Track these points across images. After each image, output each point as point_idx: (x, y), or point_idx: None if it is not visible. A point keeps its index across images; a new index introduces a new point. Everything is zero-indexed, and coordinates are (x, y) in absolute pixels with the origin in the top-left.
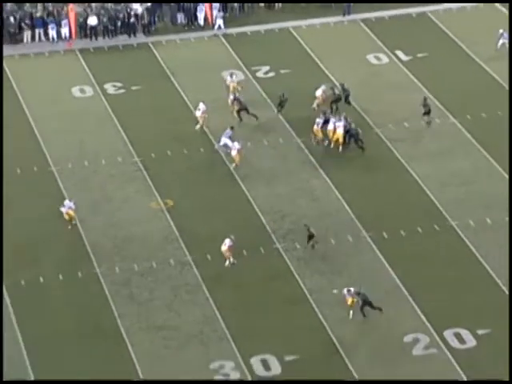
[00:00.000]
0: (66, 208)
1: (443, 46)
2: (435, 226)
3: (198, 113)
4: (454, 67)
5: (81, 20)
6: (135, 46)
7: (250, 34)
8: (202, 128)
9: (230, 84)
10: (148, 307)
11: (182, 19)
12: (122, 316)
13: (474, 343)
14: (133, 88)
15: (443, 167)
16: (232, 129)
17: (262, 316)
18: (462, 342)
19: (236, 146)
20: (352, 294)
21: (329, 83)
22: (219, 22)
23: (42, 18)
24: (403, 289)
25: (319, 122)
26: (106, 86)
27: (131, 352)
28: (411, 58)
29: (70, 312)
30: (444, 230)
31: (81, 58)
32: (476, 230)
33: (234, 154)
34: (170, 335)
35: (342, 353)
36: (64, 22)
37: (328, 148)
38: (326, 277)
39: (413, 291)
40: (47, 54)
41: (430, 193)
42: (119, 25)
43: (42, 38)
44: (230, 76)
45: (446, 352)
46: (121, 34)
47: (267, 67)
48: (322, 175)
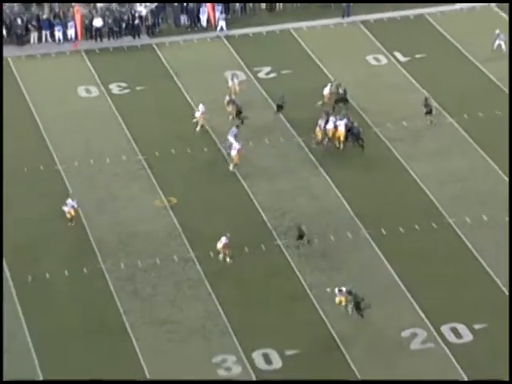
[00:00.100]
0: (68, 207)
1: (440, 48)
2: (433, 224)
3: (198, 114)
4: (451, 68)
5: (86, 22)
6: (139, 47)
7: (251, 35)
8: (202, 128)
9: (231, 86)
10: (152, 302)
11: (185, 21)
12: (127, 311)
13: (471, 338)
14: (137, 88)
15: (441, 166)
16: (238, 127)
17: (263, 311)
18: (459, 336)
19: (236, 146)
20: (343, 293)
21: (335, 82)
22: (221, 23)
23: (49, 19)
24: (401, 285)
25: (321, 124)
26: (110, 86)
27: (135, 346)
28: (409, 59)
29: (75, 307)
30: (441, 227)
31: (86, 58)
32: (472, 226)
33: (233, 153)
34: (173, 329)
35: (341, 347)
36: (70, 24)
37: (328, 147)
38: (326, 273)
39: (411, 287)
40: (53, 55)
41: (428, 191)
42: (124, 26)
43: (49, 40)
44: (232, 78)
45: (443, 346)
46: (125, 35)
47: (268, 68)
48: (321, 173)
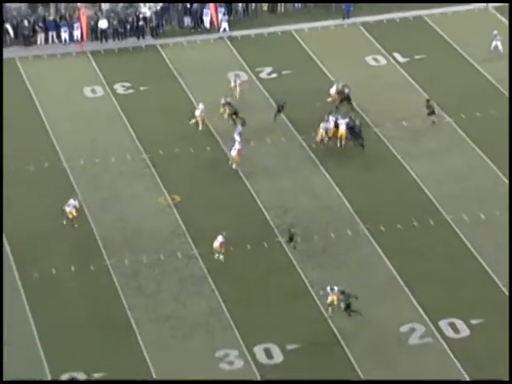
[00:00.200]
0: (70, 207)
1: (439, 48)
2: (431, 221)
3: (197, 112)
4: (450, 68)
5: (92, 23)
6: (144, 48)
7: (253, 36)
8: (202, 126)
9: (233, 87)
10: (156, 298)
11: (189, 22)
12: (131, 307)
13: (468, 333)
14: (141, 88)
15: (439, 164)
16: (243, 126)
17: (264, 307)
18: (457, 331)
19: (236, 146)
20: (335, 292)
21: (341, 82)
22: (224, 25)
23: (55, 21)
24: (400, 281)
25: (322, 126)
26: (115, 86)
27: (140, 341)
28: (408, 59)
29: (81, 303)
30: (439, 224)
31: (92, 59)
32: (470, 224)
33: (233, 153)
34: (176, 325)
35: (341, 342)
36: (76, 25)
37: (328, 146)
38: (327, 270)
39: (409, 283)
40: (60, 56)
41: (426, 189)
42: (128, 28)
43: (55, 41)
44: (234, 80)
45: (441, 341)
46: (130, 36)
47: (270, 68)
48: (322, 172)
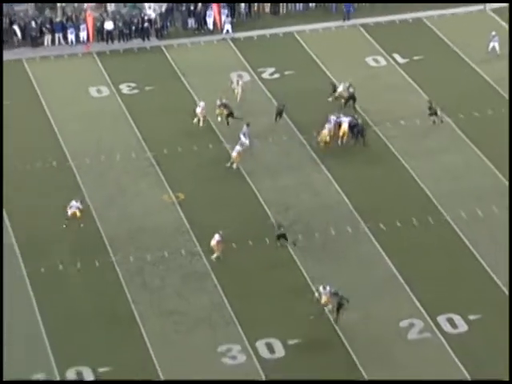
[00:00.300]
0: (73, 208)
1: (438, 50)
2: (429, 218)
3: (198, 109)
4: (448, 69)
5: (98, 25)
6: (148, 49)
7: (256, 38)
8: (203, 122)
9: (235, 88)
10: (160, 294)
11: (193, 24)
12: (136, 302)
13: (466, 328)
14: (146, 88)
15: (437, 163)
16: (248, 126)
17: (266, 302)
18: (455, 326)
19: (237, 148)
20: (327, 292)
21: (347, 82)
22: (227, 26)
23: (62, 22)
24: (399, 277)
25: (327, 127)
26: (121, 86)
27: (144, 335)
28: (408, 60)
29: (87, 298)
30: (438, 221)
31: (98, 60)
32: (468, 221)
33: (234, 154)
34: (180, 320)
35: (341, 337)
36: (82, 27)
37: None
38: (327, 266)
39: (408, 279)
40: (66, 57)
41: (425, 187)
42: (134, 29)
43: (62, 42)
44: (237, 82)
45: (440, 336)
46: (135, 37)
47: (272, 69)
48: (323, 170)
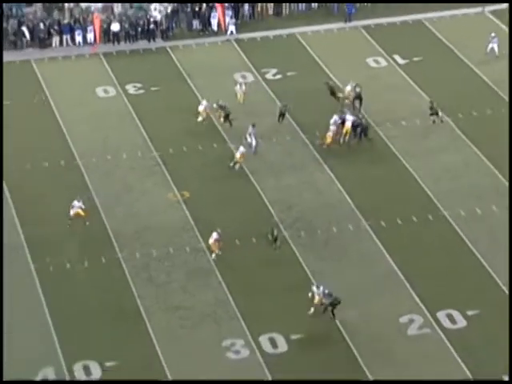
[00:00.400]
0: (75, 208)
1: (437, 51)
2: (429, 216)
3: (201, 108)
4: (447, 70)
5: (105, 26)
6: (154, 50)
7: (259, 39)
8: (204, 121)
9: (237, 92)
10: (165, 289)
11: (197, 25)
12: (142, 297)
13: (465, 323)
14: (152, 89)
15: (437, 161)
16: (254, 126)
17: (269, 298)
18: (454, 322)
19: (241, 150)
20: (320, 292)
21: (354, 81)
22: (231, 28)
23: (70, 24)
24: (399, 273)
25: (332, 129)
26: (127, 86)
27: (150, 330)
28: (407, 61)
29: (94, 294)
30: (437, 219)
31: (104, 61)
32: (466, 219)
33: (237, 155)
34: (185, 315)
35: (343, 331)
36: (89, 28)
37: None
38: (329, 263)
39: (408, 276)
40: (74, 58)
41: (425, 185)
42: (139, 31)
43: (69, 43)
44: (240, 85)
45: (439, 331)
46: (141, 39)
47: (275, 70)
48: (325, 170)
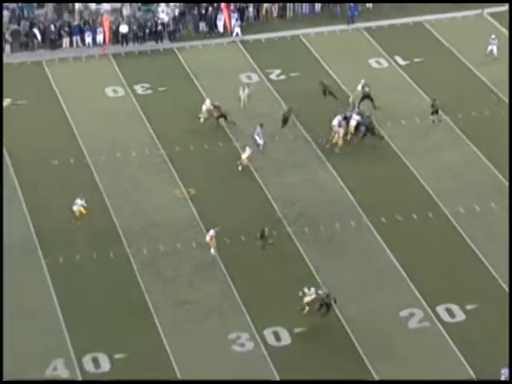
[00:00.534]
0: (77, 206)
1: (437, 52)
2: (429, 213)
3: (204, 107)
4: (447, 71)
5: (114, 28)
6: (162, 51)
7: (264, 40)
8: (206, 121)
9: (241, 95)
10: (172, 284)
11: (204, 27)
12: (150, 292)
13: (463, 317)
14: (159, 89)
15: (436, 160)
16: (261, 126)
17: (273, 292)
18: (453, 316)
19: (247, 151)
20: (312, 293)
21: (362, 81)
22: (237, 29)
23: (79, 26)
24: (400, 269)
25: (339, 131)
26: (135, 86)
27: (157, 324)
28: (408, 62)
29: (103, 288)
30: (437, 216)
31: (113, 61)
32: (465, 216)
33: (243, 156)
34: (192, 309)
35: (345, 325)
36: (99, 30)
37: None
38: (332, 258)
39: (408, 271)
40: (84, 59)
41: (425, 183)
42: (147, 32)
43: (79, 44)
44: (243, 90)
45: (438, 325)
46: (149, 40)
47: (279, 70)
48: (328, 167)
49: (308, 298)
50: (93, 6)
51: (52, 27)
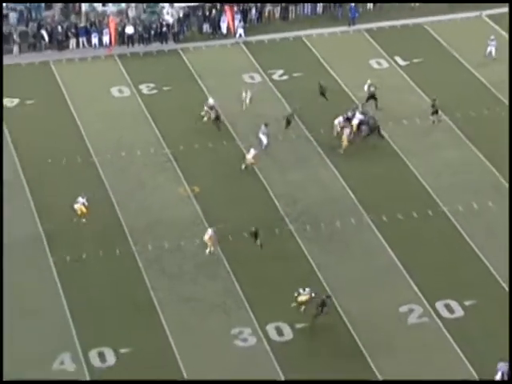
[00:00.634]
0: (79, 204)
1: (436, 53)
2: (428, 211)
3: (205, 107)
4: (446, 71)
5: (119, 29)
6: (166, 52)
7: (267, 41)
8: (208, 120)
9: (244, 98)
10: (177, 281)
11: (208, 29)
12: (155, 289)
13: (462, 313)
14: (164, 89)
15: (436, 159)
16: (266, 126)
17: (275, 288)
18: (452, 311)
19: (252, 152)
20: (307, 293)
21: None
22: (240, 31)
23: (86, 27)
24: (400, 265)
25: (346, 132)
26: (140, 86)
27: (162, 320)
28: (408, 63)
29: (109, 285)
30: (436, 214)
31: (119, 62)
32: (464, 214)
33: (248, 157)
34: (196, 305)
35: (345, 320)
36: (105, 31)
37: (335, 142)
38: (333, 254)
39: (408, 267)
40: (90, 59)
41: (424, 181)
42: (153, 33)
43: (86, 45)
44: (246, 92)
45: (437, 321)
46: (154, 41)
47: (282, 71)
48: (329, 166)
49: (302, 298)
50: (99, 8)
51: (59, 28)
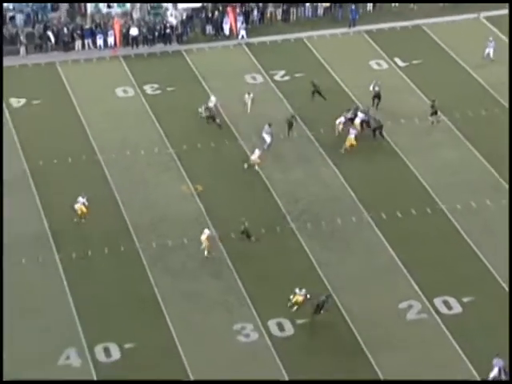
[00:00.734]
0: (79, 204)
1: (435, 54)
2: (427, 209)
3: (211, 104)
4: (445, 72)
5: (124, 31)
6: (170, 53)
7: (268, 43)
8: (209, 119)
9: (246, 100)
10: (180, 278)
11: (211, 30)
12: (159, 285)
13: (460, 309)
14: (168, 89)
15: (435, 158)
16: (270, 125)
17: (277, 285)
18: (450, 308)
19: (257, 152)
20: (302, 294)
21: (373, 81)
22: (242, 32)
23: (91, 29)
24: (399, 262)
25: (353, 133)
26: (145, 87)
27: (166, 316)
28: (407, 64)
29: (114, 281)
30: (435, 212)
31: (124, 63)
32: (462, 212)
33: (253, 158)
34: (199, 302)
35: (346, 316)
36: (110, 33)
37: (336, 141)
38: (334, 252)
39: (407, 264)
40: (95, 60)
41: (423, 180)
42: (157, 35)
43: (91, 46)
44: (248, 94)
45: (436, 317)
46: (158, 42)
47: (283, 71)
48: (330, 165)
49: (298, 298)
50: (104, 10)
51: (65, 30)
